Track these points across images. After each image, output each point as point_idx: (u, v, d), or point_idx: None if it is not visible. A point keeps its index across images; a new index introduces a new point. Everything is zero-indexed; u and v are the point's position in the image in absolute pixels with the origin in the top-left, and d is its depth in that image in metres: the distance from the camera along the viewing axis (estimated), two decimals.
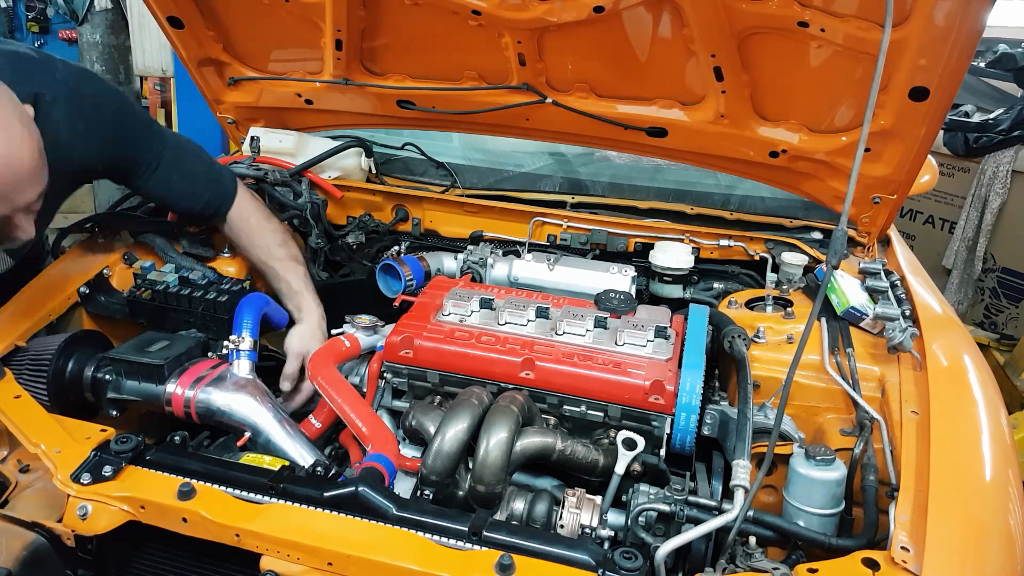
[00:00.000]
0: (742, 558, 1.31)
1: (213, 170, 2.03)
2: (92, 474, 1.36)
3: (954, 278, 4.56)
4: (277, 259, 2.04)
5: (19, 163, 1.40)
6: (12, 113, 1.41)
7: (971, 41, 1.58)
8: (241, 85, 2.43)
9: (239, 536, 1.28)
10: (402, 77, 2.28)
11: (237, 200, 2.02)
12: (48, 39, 7.03)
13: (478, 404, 1.54)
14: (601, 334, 1.76)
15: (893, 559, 1.16)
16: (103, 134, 1.76)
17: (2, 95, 1.42)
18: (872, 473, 1.42)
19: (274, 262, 2.04)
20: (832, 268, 1.38)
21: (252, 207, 2.07)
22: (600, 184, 2.54)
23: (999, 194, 4.28)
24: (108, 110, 1.78)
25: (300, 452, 1.64)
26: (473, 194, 2.48)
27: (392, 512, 1.30)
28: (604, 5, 1.83)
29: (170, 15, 2.18)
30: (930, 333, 1.68)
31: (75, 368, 1.71)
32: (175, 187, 1.95)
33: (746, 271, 2.23)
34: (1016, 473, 1.36)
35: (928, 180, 2.79)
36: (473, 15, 1.95)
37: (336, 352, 1.82)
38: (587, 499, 1.51)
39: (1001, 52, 4.83)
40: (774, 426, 1.38)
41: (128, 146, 1.85)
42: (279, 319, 1.97)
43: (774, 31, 1.76)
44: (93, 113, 1.72)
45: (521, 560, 1.20)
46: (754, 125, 2.03)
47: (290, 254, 2.06)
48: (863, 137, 1.33)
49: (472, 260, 2.27)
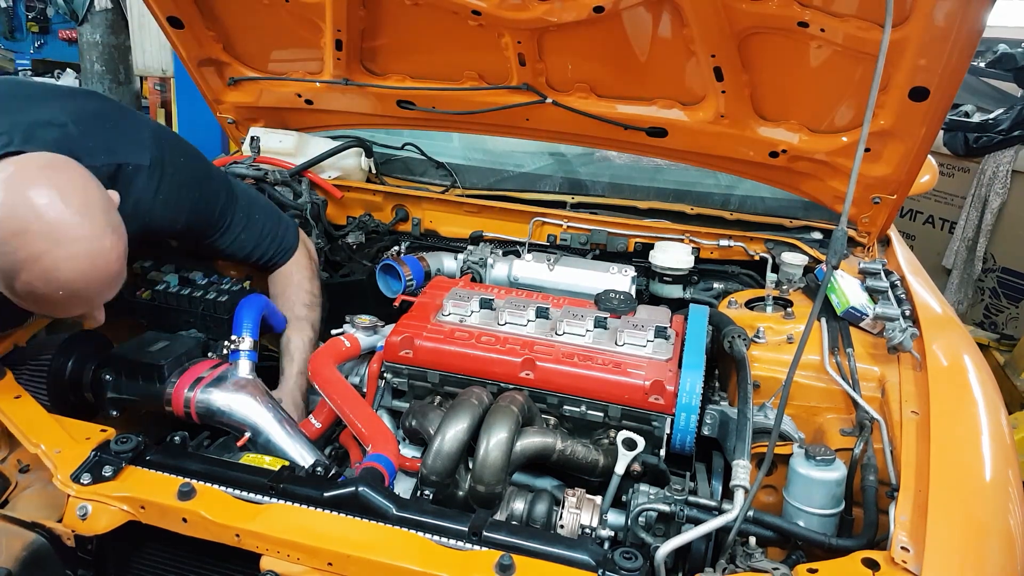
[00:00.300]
0: (742, 558, 1.31)
1: (280, 226, 2.01)
2: (92, 474, 1.36)
3: (954, 278, 4.56)
4: (296, 316, 2.01)
5: (106, 272, 1.38)
6: (104, 220, 1.37)
7: (971, 41, 1.58)
8: (241, 85, 2.43)
9: (239, 536, 1.28)
10: (402, 77, 2.28)
11: (295, 255, 2.03)
12: (48, 39, 7.04)
13: (478, 404, 1.54)
14: (601, 334, 1.76)
15: (893, 559, 1.16)
16: (182, 203, 1.73)
17: (97, 204, 1.37)
18: (872, 473, 1.42)
19: (293, 320, 2.01)
20: (832, 268, 1.38)
21: (303, 264, 2.05)
22: (600, 184, 2.54)
23: (999, 194, 4.28)
24: (188, 177, 1.74)
25: (300, 452, 1.64)
26: (473, 194, 2.48)
27: (392, 512, 1.30)
28: (604, 5, 1.83)
29: (170, 15, 2.19)
30: (930, 333, 1.68)
31: (75, 368, 1.71)
32: (244, 245, 1.93)
33: (746, 271, 2.23)
34: (1016, 473, 1.36)
35: (928, 180, 2.79)
36: (473, 15, 1.95)
37: (336, 352, 1.82)
38: (587, 499, 1.51)
39: (1001, 52, 4.83)
40: (774, 426, 1.38)
41: (205, 211, 1.82)
42: (278, 322, 1.97)
43: (774, 31, 1.76)
44: (174, 181, 1.69)
45: (521, 560, 1.20)
46: (754, 125, 2.03)
47: (309, 317, 2.02)
48: (863, 137, 1.33)
49: (472, 260, 2.27)
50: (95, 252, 1.34)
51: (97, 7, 5.45)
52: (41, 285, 1.32)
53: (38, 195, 1.30)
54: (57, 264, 1.30)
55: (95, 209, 1.37)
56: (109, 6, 5.45)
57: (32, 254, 1.29)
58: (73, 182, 1.36)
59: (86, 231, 1.33)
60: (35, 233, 1.29)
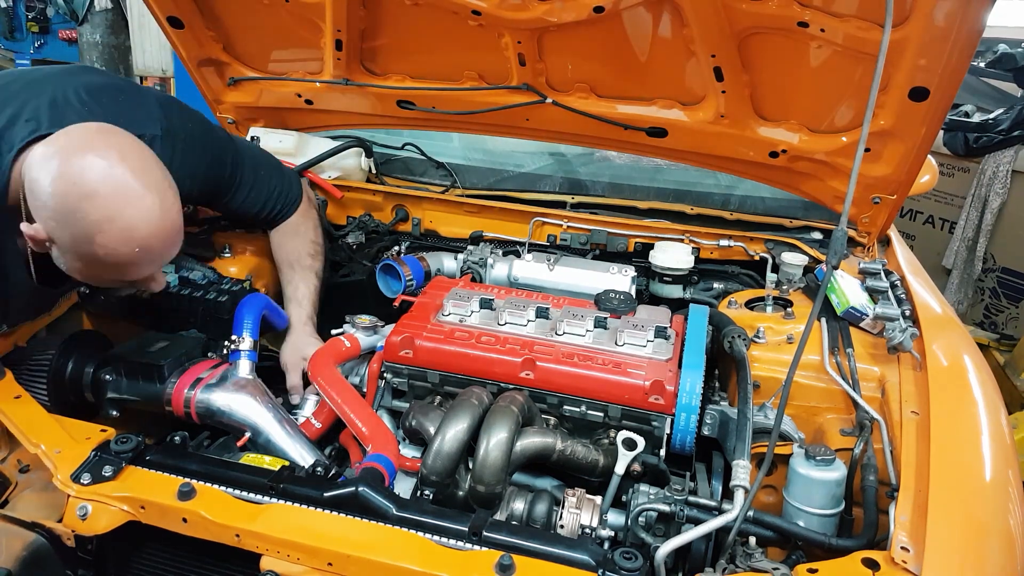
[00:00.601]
0: (742, 558, 1.31)
1: (284, 180, 2.05)
2: (92, 474, 1.36)
3: (954, 278, 4.56)
4: (301, 265, 2.05)
5: (174, 225, 1.45)
6: (164, 180, 1.44)
7: (971, 41, 1.58)
8: (241, 85, 2.43)
9: (239, 536, 1.28)
10: (402, 77, 2.28)
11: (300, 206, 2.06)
12: (48, 39, 7.03)
13: (478, 404, 1.54)
14: (601, 334, 1.76)
15: (893, 559, 1.16)
16: (196, 169, 1.74)
17: (151, 161, 1.44)
18: (872, 473, 1.42)
19: (296, 266, 2.05)
20: (832, 268, 1.38)
21: (308, 215, 2.10)
22: (600, 184, 2.54)
23: (999, 194, 4.28)
24: (199, 142, 1.75)
25: (300, 452, 1.64)
26: (473, 194, 2.48)
27: (392, 512, 1.30)
28: (604, 5, 1.83)
29: (170, 15, 2.18)
30: (930, 333, 1.68)
31: (75, 368, 1.71)
32: (254, 204, 1.96)
33: (746, 271, 2.23)
34: (1016, 473, 1.36)
35: (928, 180, 2.79)
36: (473, 15, 1.95)
37: (336, 352, 1.82)
38: (587, 499, 1.51)
39: (1001, 52, 4.82)
40: (774, 426, 1.38)
41: (216, 175, 1.84)
42: (279, 320, 1.97)
43: (774, 31, 1.76)
44: (186, 148, 1.70)
45: (521, 560, 1.20)
46: (754, 125, 2.03)
47: (314, 267, 2.07)
48: (863, 137, 1.33)
49: (472, 260, 2.27)
50: (163, 207, 1.41)
51: (97, 7, 5.45)
52: (120, 245, 1.38)
53: (100, 159, 1.36)
54: (133, 222, 1.37)
55: (152, 166, 1.44)
56: (109, 6, 5.45)
57: (106, 215, 1.35)
58: (127, 143, 1.43)
59: (152, 187, 1.40)
60: (105, 195, 1.35)
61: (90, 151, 1.36)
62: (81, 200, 1.34)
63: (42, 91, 1.53)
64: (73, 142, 1.38)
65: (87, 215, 1.34)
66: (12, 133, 1.44)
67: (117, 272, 1.46)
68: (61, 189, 1.34)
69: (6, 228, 1.47)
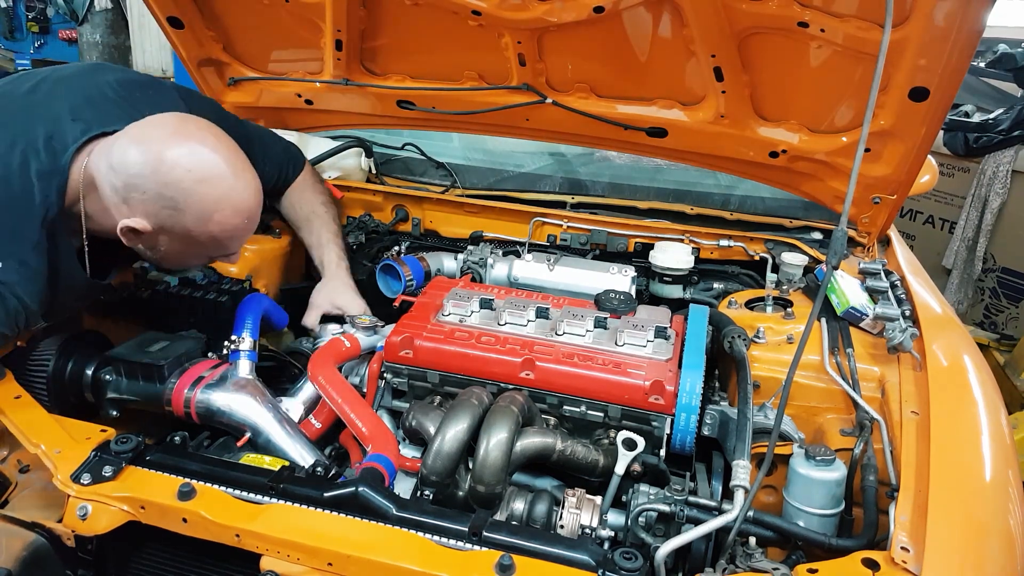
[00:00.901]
0: (742, 558, 1.31)
1: (285, 145, 2.15)
2: (92, 474, 1.35)
3: (954, 278, 4.56)
4: (317, 215, 2.14)
5: (262, 193, 1.59)
6: (245, 157, 1.55)
7: (971, 41, 1.58)
8: (241, 85, 2.43)
9: (239, 536, 1.28)
10: (402, 77, 2.28)
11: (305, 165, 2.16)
12: (48, 39, 7.03)
13: (478, 404, 1.54)
14: (601, 334, 1.76)
15: (893, 559, 1.16)
16: None
17: (232, 141, 1.55)
18: (872, 473, 1.42)
19: (313, 217, 2.13)
20: (832, 268, 1.38)
21: (310, 171, 2.22)
22: (600, 184, 2.54)
23: (999, 194, 4.28)
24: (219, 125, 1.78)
25: (300, 452, 1.64)
26: (473, 194, 2.48)
27: (392, 512, 1.30)
28: (604, 5, 1.83)
29: (170, 15, 2.19)
30: (930, 333, 1.68)
31: (75, 368, 1.71)
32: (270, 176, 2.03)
33: (746, 271, 2.23)
34: (1016, 473, 1.36)
35: (928, 180, 2.79)
36: (473, 15, 1.95)
37: (336, 352, 1.82)
38: (587, 499, 1.51)
39: (1001, 52, 4.82)
40: (774, 426, 1.38)
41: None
42: (279, 319, 1.97)
43: (774, 31, 1.76)
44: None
45: (521, 560, 1.20)
46: (754, 125, 2.03)
47: (330, 213, 2.18)
48: (863, 137, 1.33)
49: (472, 260, 2.27)
50: (256, 180, 1.58)
51: (97, 7, 5.44)
52: (234, 216, 1.53)
53: (200, 145, 1.49)
54: (242, 195, 1.53)
55: (236, 146, 1.56)
56: (109, 6, 5.44)
57: (222, 193, 1.49)
58: (209, 128, 1.55)
59: (245, 164, 1.55)
60: (217, 176, 1.49)
61: (187, 139, 1.48)
62: (197, 184, 1.46)
63: (76, 89, 1.60)
64: (166, 133, 1.48)
65: (206, 195, 1.47)
66: (63, 133, 1.49)
67: (225, 246, 1.61)
68: (175, 177, 1.44)
69: (61, 229, 1.51)
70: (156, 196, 1.45)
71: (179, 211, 1.47)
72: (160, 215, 1.47)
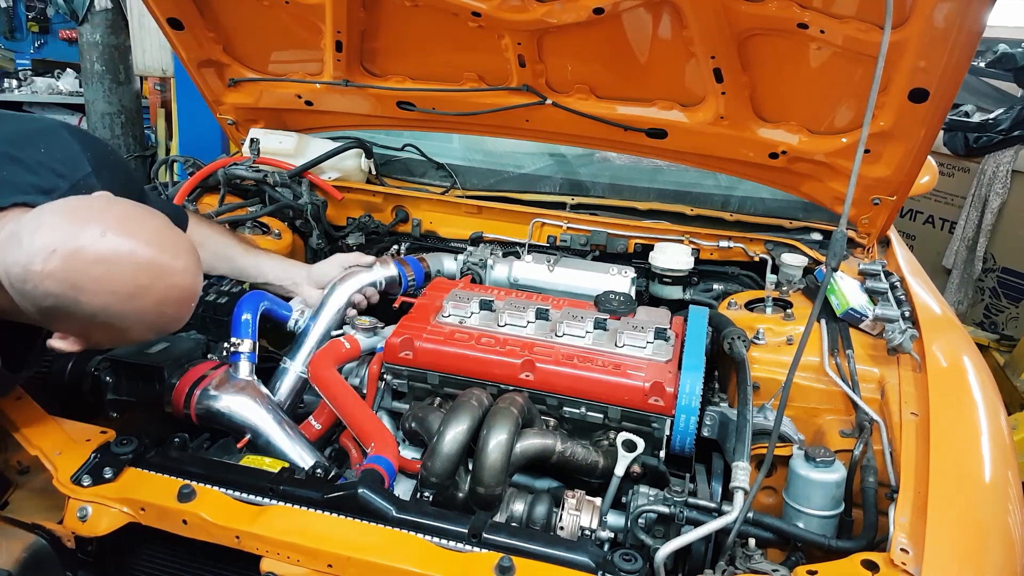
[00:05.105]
0: (742, 560, 1.31)
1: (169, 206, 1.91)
2: (92, 476, 1.36)
3: (954, 278, 4.56)
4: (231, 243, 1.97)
5: (195, 297, 1.33)
6: (191, 246, 1.32)
7: (971, 42, 1.58)
8: (241, 86, 2.43)
9: (239, 538, 1.28)
10: (402, 78, 2.28)
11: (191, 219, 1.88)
12: (48, 39, 7.03)
13: (478, 406, 1.54)
14: (601, 336, 1.76)
15: (892, 561, 1.16)
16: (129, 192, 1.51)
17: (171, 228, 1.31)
18: (872, 475, 1.42)
19: (237, 243, 1.98)
20: (832, 269, 1.38)
21: (199, 216, 2.00)
22: (600, 185, 2.54)
23: (999, 194, 4.29)
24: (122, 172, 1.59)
25: (300, 454, 1.64)
26: (473, 195, 2.48)
27: (392, 514, 1.30)
28: (604, 7, 1.83)
29: (170, 16, 2.19)
30: (930, 334, 1.68)
31: (75, 369, 1.71)
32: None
33: (746, 272, 2.23)
34: (1016, 474, 1.36)
35: (928, 181, 2.79)
36: (473, 17, 1.95)
37: (336, 354, 1.82)
38: (587, 501, 1.51)
39: (1001, 52, 4.82)
40: (774, 428, 1.39)
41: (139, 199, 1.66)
42: (282, 314, 1.95)
43: (774, 33, 1.76)
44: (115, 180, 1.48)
45: (521, 562, 1.21)
46: (754, 126, 2.03)
47: (245, 238, 2.07)
48: (863, 138, 1.33)
49: (472, 261, 2.27)
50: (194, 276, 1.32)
51: (97, 7, 5.43)
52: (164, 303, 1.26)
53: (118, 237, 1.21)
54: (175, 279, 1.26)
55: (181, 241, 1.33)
56: (109, 6, 5.43)
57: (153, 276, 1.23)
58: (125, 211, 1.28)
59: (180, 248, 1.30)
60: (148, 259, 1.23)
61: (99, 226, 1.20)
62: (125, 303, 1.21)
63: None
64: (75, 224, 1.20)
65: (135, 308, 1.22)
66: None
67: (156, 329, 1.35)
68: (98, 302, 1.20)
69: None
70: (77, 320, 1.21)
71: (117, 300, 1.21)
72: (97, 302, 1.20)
